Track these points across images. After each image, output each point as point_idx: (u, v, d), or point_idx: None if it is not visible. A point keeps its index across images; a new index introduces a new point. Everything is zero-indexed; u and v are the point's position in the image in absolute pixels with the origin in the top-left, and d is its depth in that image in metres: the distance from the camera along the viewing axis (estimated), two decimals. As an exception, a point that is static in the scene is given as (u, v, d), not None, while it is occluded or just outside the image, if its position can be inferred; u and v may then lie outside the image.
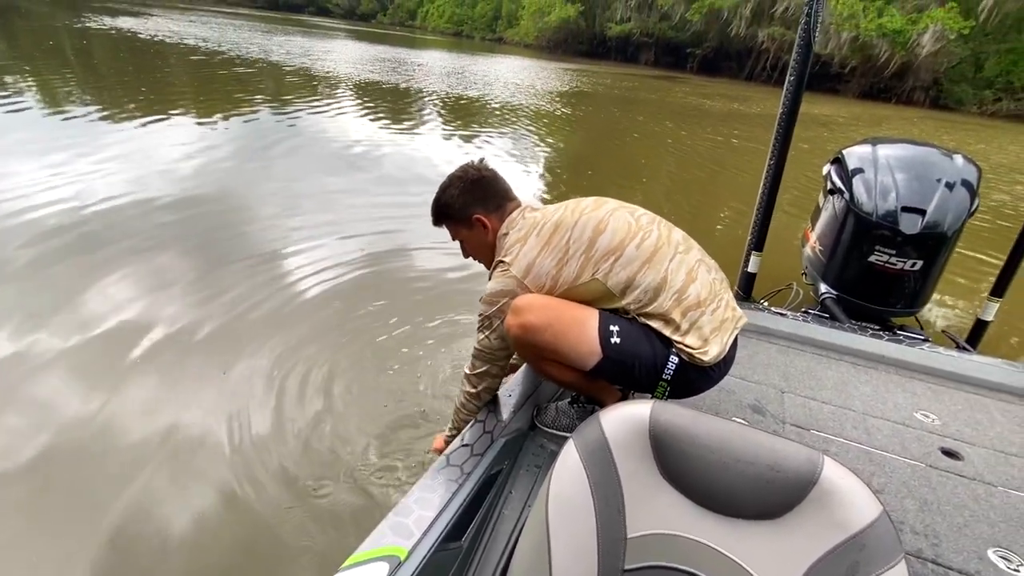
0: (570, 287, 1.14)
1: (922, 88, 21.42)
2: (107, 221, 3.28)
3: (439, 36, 48.39)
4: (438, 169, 5.11)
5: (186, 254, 2.99)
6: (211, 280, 2.71)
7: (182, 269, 2.82)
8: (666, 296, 1.11)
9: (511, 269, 1.18)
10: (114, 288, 2.56)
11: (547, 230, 1.18)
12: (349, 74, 10.65)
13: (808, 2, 1.85)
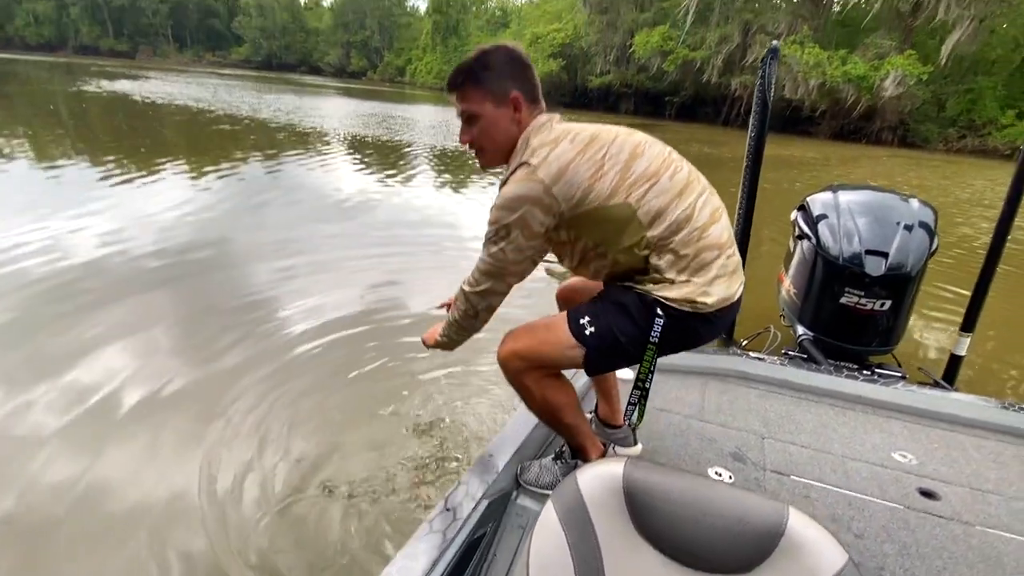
0: (599, 206, 1.06)
1: (889, 128, 22.44)
2: (94, 275, 3.31)
3: (427, 91, 50.34)
4: (428, 215, 5.24)
5: (174, 307, 3.01)
6: (198, 332, 2.72)
7: (169, 321, 2.83)
8: (688, 232, 1.07)
9: (538, 172, 1.05)
10: (97, 343, 2.55)
11: (582, 139, 1.09)
12: (338, 129, 11.00)
13: (762, 64, 2.00)
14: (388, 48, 69.19)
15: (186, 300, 3.11)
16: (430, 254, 4.20)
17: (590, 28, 34.28)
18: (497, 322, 1.23)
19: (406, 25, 68.16)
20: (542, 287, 3.11)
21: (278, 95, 20.42)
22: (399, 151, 8.87)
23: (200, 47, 77.01)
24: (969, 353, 2.03)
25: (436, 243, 4.38)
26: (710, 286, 1.08)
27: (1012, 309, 3.74)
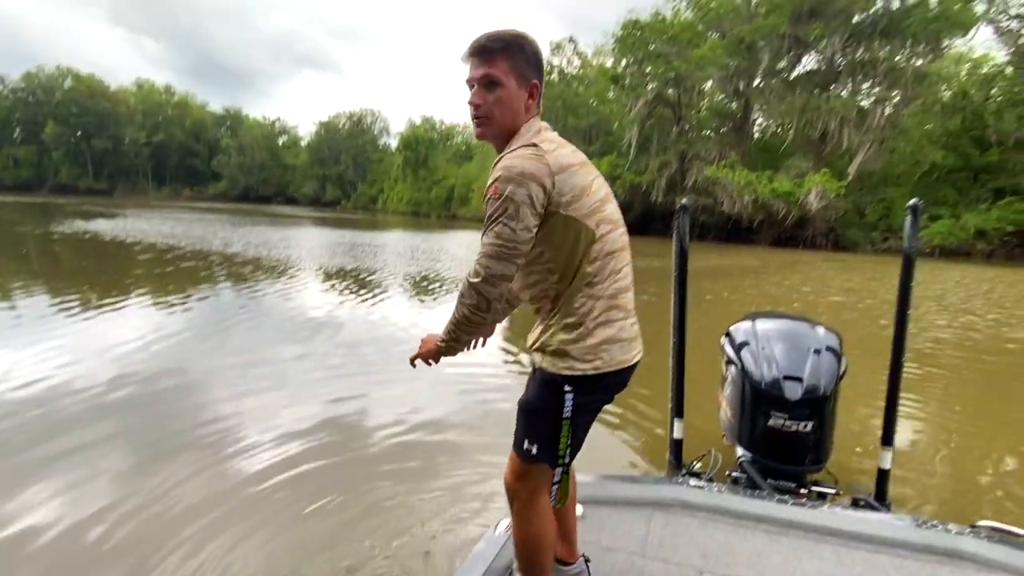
0: (577, 217, 1.13)
1: (822, 234, 24.70)
2: (34, 408, 3.23)
3: (398, 216, 53.20)
4: (393, 334, 5.38)
5: (120, 441, 2.94)
6: (143, 470, 2.63)
7: (113, 458, 2.75)
8: (613, 284, 1.21)
9: (547, 156, 1.10)
10: (24, 481, 2.45)
11: (581, 156, 1.20)
12: (309, 258, 11.48)
13: (675, 218, 2.33)
14: (361, 179, 74.02)
15: (135, 433, 3.05)
16: (397, 374, 4.28)
17: (546, 158, 37.82)
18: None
19: (378, 160, 73.77)
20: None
21: (251, 227, 21.29)
22: (367, 276, 9.26)
23: (179, 184, 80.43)
24: (902, 462, 2.12)
25: (403, 362, 4.49)
26: (610, 344, 1.20)
27: (943, 413, 4.00)
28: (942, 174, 25.42)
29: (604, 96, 36.28)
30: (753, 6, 27.03)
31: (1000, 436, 3.42)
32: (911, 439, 3.29)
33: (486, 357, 4.63)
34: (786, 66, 27.34)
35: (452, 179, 53.83)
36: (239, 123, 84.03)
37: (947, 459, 3.06)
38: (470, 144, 64.30)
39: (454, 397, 3.75)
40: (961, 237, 22.21)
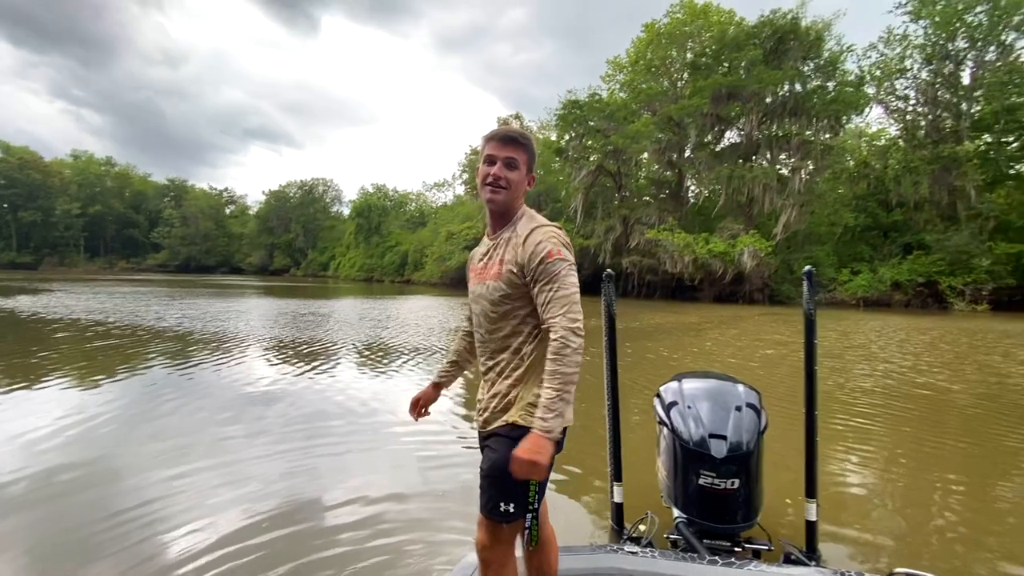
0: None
1: (758, 289, 26.27)
2: None
3: (351, 282, 52.45)
4: (342, 404, 5.13)
5: (20, 543, 2.60)
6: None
7: (14, 570, 2.43)
8: None
9: (562, 234, 1.41)
10: None
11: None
12: (249, 330, 11.04)
13: (603, 286, 2.42)
14: (312, 247, 73.22)
15: (39, 533, 2.72)
16: (350, 447, 4.07)
17: (497, 224, 39.02)
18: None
19: (330, 227, 73.58)
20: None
21: (190, 299, 20.36)
22: (310, 347, 8.98)
23: (114, 255, 76.77)
24: (836, 512, 2.15)
25: (356, 434, 4.29)
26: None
27: (870, 461, 4.20)
28: (857, 233, 28.07)
29: (550, 166, 38.40)
30: (679, 88, 30.02)
31: (919, 482, 3.61)
32: (842, 488, 3.41)
33: (436, 425, 4.52)
34: (712, 140, 30.12)
35: (406, 245, 54.15)
36: (184, 193, 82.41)
37: (875, 506, 3.16)
38: (423, 211, 65.51)
39: (411, 470, 3.60)
40: (880, 289, 24.20)
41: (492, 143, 1.43)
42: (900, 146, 27.85)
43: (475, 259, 1.57)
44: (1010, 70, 23.94)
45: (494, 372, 1.47)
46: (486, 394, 1.50)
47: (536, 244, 1.33)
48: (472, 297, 1.53)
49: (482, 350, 1.52)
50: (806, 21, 26.41)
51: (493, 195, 1.41)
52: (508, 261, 1.38)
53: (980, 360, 8.63)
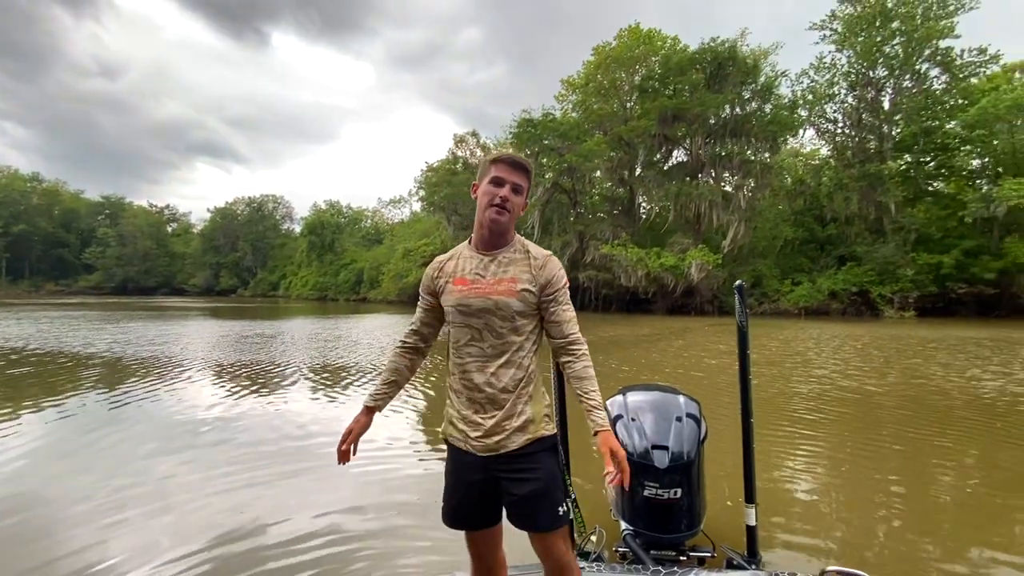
0: None
1: (707, 301, 27.28)
2: None
3: (303, 302, 50.75)
4: (289, 431, 4.89)
5: None
6: None
7: None
8: None
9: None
10: None
11: None
12: (192, 354, 10.45)
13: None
14: (261, 266, 70.61)
15: None
16: (304, 470, 3.87)
17: (455, 242, 38.97)
18: None
19: (280, 245, 71.27)
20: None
21: (126, 323, 19.12)
22: (258, 369, 8.58)
23: (40, 277, 71.39)
24: (779, 515, 2.23)
25: (306, 457, 4.09)
26: None
27: (809, 463, 4.38)
28: (796, 246, 29.75)
29: (506, 183, 38.71)
30: (628, 109, 31.15)
31: (856, 482, 3.80)
32: (783, 492, 3.54)
33: (397, 448, 4.38)
34: (660, 159, 31.35)
35: (361, 262, 53.10)
36: (120, 211, 77.83)
37: (814, 508, 3.30)
38: (379, 228, 64.57)
39: (361, 492, 3.46)
40: (818, 298, 25.64)
41: (501, 166, 1.50)
42: (831, 165, 29.85)
43: (460, 270, 1.54)
44: (924, 96, 26.26)
45: (499, 390, 1.47)
46: (488, 414, 1.47)
47: (556, 270, 1.53)
48: (467, 310, 1.49)
49: (479, 364, 1.49)
50: (746, 48, 28.14)
51: (498, 216, 1.48)
52: (523, 280, 1.49)
53: (906, 364, 9.24)
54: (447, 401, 1.58)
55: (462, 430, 1.51)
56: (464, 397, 1.51)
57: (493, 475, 1.48)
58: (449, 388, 1.58)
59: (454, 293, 1.51)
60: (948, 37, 25.20)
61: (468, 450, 1.49)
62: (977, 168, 26.77)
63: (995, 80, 25.85)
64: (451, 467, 1.56)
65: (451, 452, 1.57)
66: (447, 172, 39.79)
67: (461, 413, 1.51)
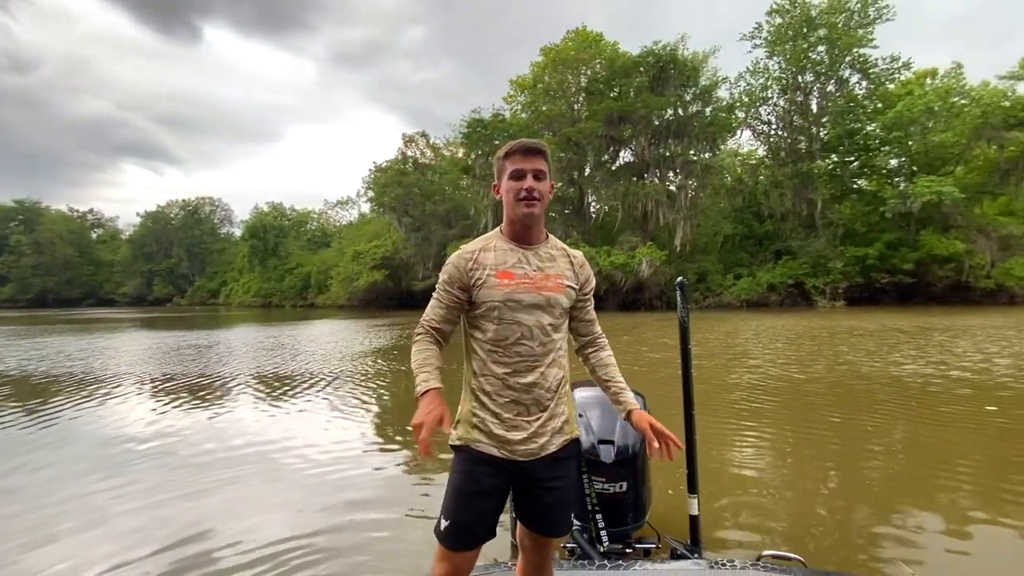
0: None
1: (656, 297, 28.12)
2: None
3: (246, 309, 48.39)
4: (233, 442, 4.57)
5: None
6: None
7: None
8: None
9: None
10: None
11: None
12: (117, 369, 9.69)
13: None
14: (199, 273, 66.87)
15: None
16: (249, 475, 3.60)
17: (407, 243, 38.36)
18: None
19: (219, 250, 67.72)
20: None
21: (42, 338, 17.55)
22: (205, 380, 8.06)
23: (-59, 292, 64.60)
24: (722, 503, 2.28)
25: (250, 464, 3.80)
26: None
27: (751, 452, 4.54)
28: (736, 242, 31.17)
29: (458, 184, 38.55)
30: (576, 111, 31.65)
31: (795, 467, 3.97)
32: (726, 480, 3.64)
33: (355, 454, 4.19)
34: (608, 159, 32.04)
35: (308, 266, 51.27)
36: (37, 216, 71.55)
37: (755, 494, 3.39)
38: (326, 230, 62.51)
39: (315, 505, 3.26)
40: (758, 291, 26.97)
41: (516, 157, 1.43)
42: (767, 164, 31.51)
43: (502, 263, 1.40)
44: (847, 100, 28.16)
45: (546, 390, 1.42)
46: (534, 416, 1.40)
47: (589, 269, 1.55)
48: (518, 306, 1.39)
49: (529, 364, 1.40)
50: (686, 53, 29.23)
51: (530, 208, 1.40)
52: (567, 278, 1.46)
53: (835, 351, 9.83)
54: (471, 406, 1.42)
55: (499, 435, 1.38)
56: (506, 399, 1.39)
57: (522, 482, 1.42)
58: (477, 391, 1.42)
59: (501, 287, 1.39)
60: (867, 46, 27.15)
61: (503, 456, 1.39)
62: (895, 167, 29.02)
63: (908, 85, 28.10)
64: (469, 479, 1.40)
65: (470, 462, 1.40)
66: (396, 172, 39.09)
67: (501, 417, 1.39)
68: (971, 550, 2.61)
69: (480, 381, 1.42)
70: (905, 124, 25.68)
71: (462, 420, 1.45)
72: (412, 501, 3.37)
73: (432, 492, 3.45)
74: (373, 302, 39.85)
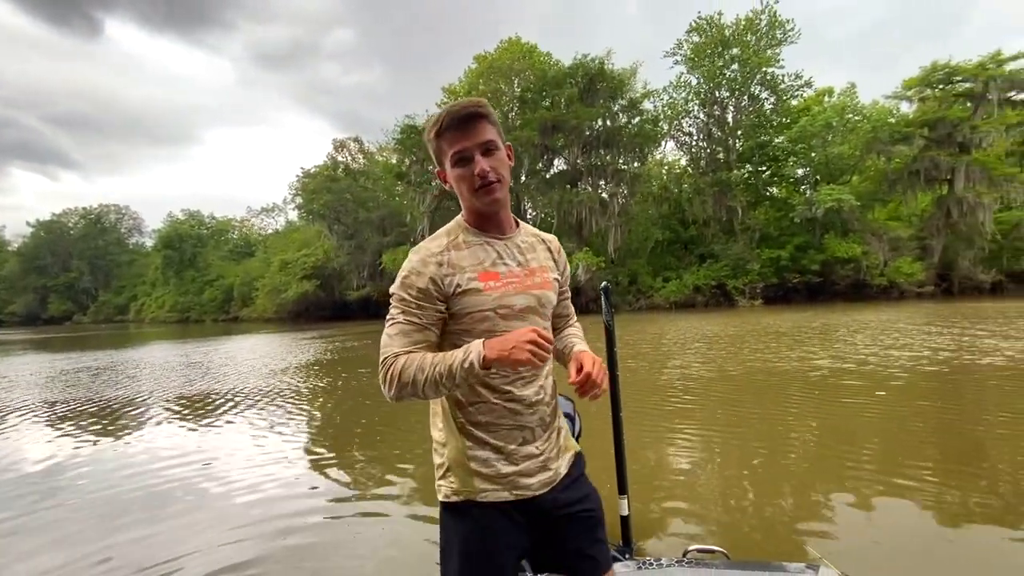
0: None
1: (593, 300, 28.89)
2: None
3: (160, 325, 44.57)
4: (149, 478, 4.15)
5: None
6: None
7: None
8: None
9: None
10: None
11: None
12: (15, 397, 8.58)
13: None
14: (104, 287, 60.92)
15: None
16: (169, 519, 3.26)
17: (340, 252, 37.02)
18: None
19: (127, 262, 62.08)
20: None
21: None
22: (115, 404, 7.30)
23: None
24: (658, 503, 2.32)
25: (171, 499, 3.45)
26: None
27: (681, 450, 4.74)
28: (664, 246, 32.75)
29: (393, 190, 37.77)
30: (510, 119, 32.04)
31: (722, 462, 4.19)
32: (656, 479, 3.79)
33: (288, 476, 3.93)
34: (543, 168, 32.66)
35: (230, 278, 48.19)
36: (-101, 226, 62.30)
37: (685, 491, 3.50)
38: (250, 239, 59.02)
39: (251, 539, 3.01)
40: (685, 293, 28.46)
41: (451, 135, 1.11)
42: (690, 173, 33.41)
43: (480, 263, 1.16)
44: (758, 115, 30.49)
45: (546, 403, 1.21)
46: (540, 438, 1.19)
47: (564, 254, 1.35)
48: (510, 312, 1.15)
49: (523, 381, 1.17)
50: (615, 66, 30.47)
51: (492, 195, 1.13)
52: (551, 269, 1.27)
53: (755, 347, 10.55)
54: (462, 447, 1.15)
55: (508, 474, 1.14)
56: (508, 426, 1.15)
57: (540, 523, 1.18)
58: (467, 426, 1.15)
59: (488, 291, 1.13)
60: (774, 66, 29.57)
61: (517, 498, 1.14)
62: (801, 176, 31.72)
63: (809, 102, 30.88)
64: (481, 543, 1.14)
65: (479, 519, 1.15)
66: (326, 178, 37.72)
67: (506, 451, 1.14)
68: (876, 524, 2.85)
69: (470, 412, 1.15)
70: (808, 137, 28.18)
71: (452, 468, 1.17)
72: (352, 521, 3.22)
73: (372, 509, 3.32)
74: (304, 314, 38.08)
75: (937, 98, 27.21)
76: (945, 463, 3.76)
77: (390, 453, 4.70)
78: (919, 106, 28.10)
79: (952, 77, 26.85)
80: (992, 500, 3.04)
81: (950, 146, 26.31)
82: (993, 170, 25.62)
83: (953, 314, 15.40)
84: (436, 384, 1.04)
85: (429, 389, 1.04)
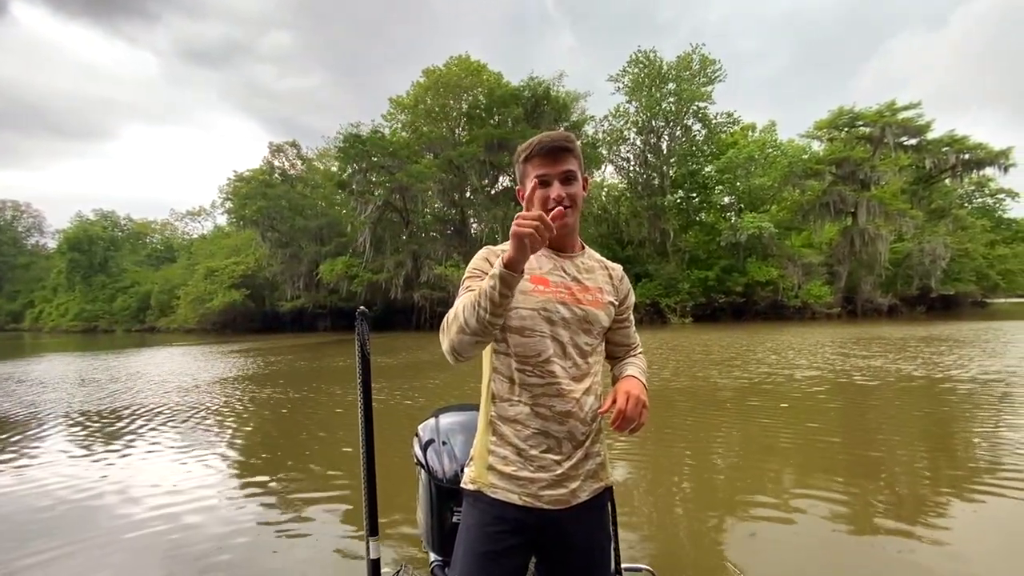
0: None
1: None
2: None
3: (62, 336, 40.22)
4: (42, 510, 3.77)
5: None
6: None
7: None
8: None
9: None
10: None
11: None
12: None
13: (356, 323, 1.88)
14: (-5, 292, 54.38)
15: None
16: (70, 558, 2.98)
17: (273, 260, 35.32)
18: None
19: (24, 265, 55.86)
20: None
21: None
22: (8, 419, 6.55)
23: None
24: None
25: (71, 533, 3.14)
26: None
27: (620, 470, 4.95)
28: (604, 265, 33.97)
29: (332, 199, 36.67)
30: (457, 135, 32.27)
31: (652, 479, 4.43)
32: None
33: (206, 503, 3.72)
34: (488, 184, 33.04)
35: (147, 285, 44.59)
36: None
37: (625, 510, 3.53)
38: (172, 244, 54.93)
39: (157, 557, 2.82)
40: (623, 311, 29.63)
41: (538, 160, 1.22)
42: (627, 196, 35.01)
43: (535, 267, 1.23)
44: (690, 145, 32.63)
45: (581, 421, 1.19)
46: (564, 453, 1.19)
47: (628, 283, 1.40)
48: (553, 317, 1.19)
49: (557, 389, 1.18)
50: (561, 90, 31.55)
51: (565, 220, 1.17)
52: (607, 292, 1.31)
53: (682, 362, 11.21)
54: (487, 440, 1.22)
55: (521, 477, 1.17)
56: (533, 430, 1.18)
57: (546, 538, 1.20)
58: (496, 421, 1.21)
59: (535, 293, 1.19)
60: (706, 101, 31.83)
61: (525, 504, 1.17)
62: (728, 204, 34.13)
63: (736, 136, 33.45)
64: (482, 535, 1.18)
65: (484, 513, 1.20)
66: (261, 183, 36.00)
67: (526, 454, 1.17)
68: (795, 527, 3.12)
69: (502, 407, 1.21)
70: (734, 168, 30.48)
71: (475, 457, 1.25)
72: (275, 543, 3.13)
73: (297, 529, 3.26)
74: (230, 325, 35.87)
75: (843, 139, 30.44)
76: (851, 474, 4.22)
77: (317, 471, 4.58)
78: (828, 145, 31.32)
79: (855, 121, 30.18)
80: (892, 506, 3.47)
81: (854, 183, 29.44)
82: (888, 205, 28.90)
83: (860, 336, 17.08)
84: (475, 306, 1.06)
85: (469, 315, 1.07)
